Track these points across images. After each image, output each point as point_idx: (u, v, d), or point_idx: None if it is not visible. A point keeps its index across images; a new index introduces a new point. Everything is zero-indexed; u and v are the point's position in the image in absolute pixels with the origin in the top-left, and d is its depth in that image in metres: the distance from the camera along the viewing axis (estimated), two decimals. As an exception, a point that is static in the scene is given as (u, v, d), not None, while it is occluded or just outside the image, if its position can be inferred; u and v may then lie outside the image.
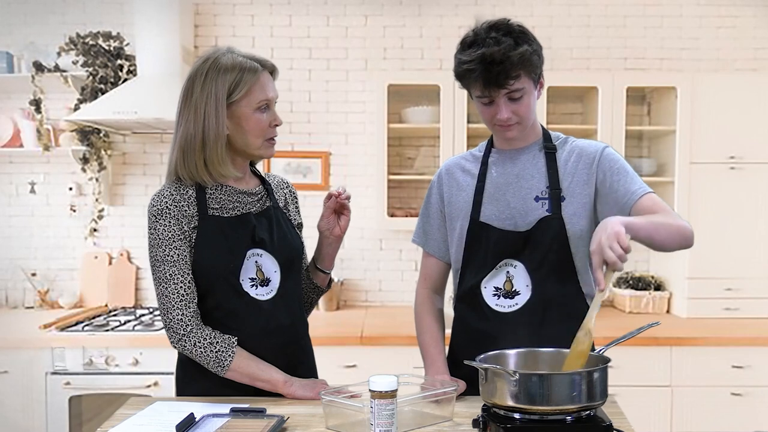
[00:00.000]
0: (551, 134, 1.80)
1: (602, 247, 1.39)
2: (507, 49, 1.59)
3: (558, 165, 1.74)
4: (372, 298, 3.82)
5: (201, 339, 1.66)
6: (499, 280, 1.74)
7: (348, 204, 1.83)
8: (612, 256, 1.38)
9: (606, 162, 1.71)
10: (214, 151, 1.67)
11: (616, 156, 1.74)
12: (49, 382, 3.02)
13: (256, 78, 1.68)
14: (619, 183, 1.68)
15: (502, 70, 1.59)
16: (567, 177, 1.73)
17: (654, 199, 1.65)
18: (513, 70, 1.60)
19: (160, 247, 1.67)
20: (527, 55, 1.62)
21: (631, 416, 1.59)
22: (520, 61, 1.61)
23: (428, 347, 1.86)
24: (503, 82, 1.61)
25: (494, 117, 1.68)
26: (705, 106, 3.36)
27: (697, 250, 3.37)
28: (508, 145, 1.79)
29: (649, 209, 1.62)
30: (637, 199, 1.64)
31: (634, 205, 1.64)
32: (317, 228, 1.86)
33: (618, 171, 1.69)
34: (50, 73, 3.50)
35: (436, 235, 1.89)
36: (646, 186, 1.68)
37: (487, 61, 1.59)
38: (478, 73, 1.61)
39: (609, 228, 1.41)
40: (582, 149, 1.74)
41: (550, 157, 1.75)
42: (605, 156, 1.72)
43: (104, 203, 3.67)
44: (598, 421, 1.36)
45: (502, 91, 1.63)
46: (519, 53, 1.60)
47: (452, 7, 3.75)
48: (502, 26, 1.64)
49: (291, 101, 3.74)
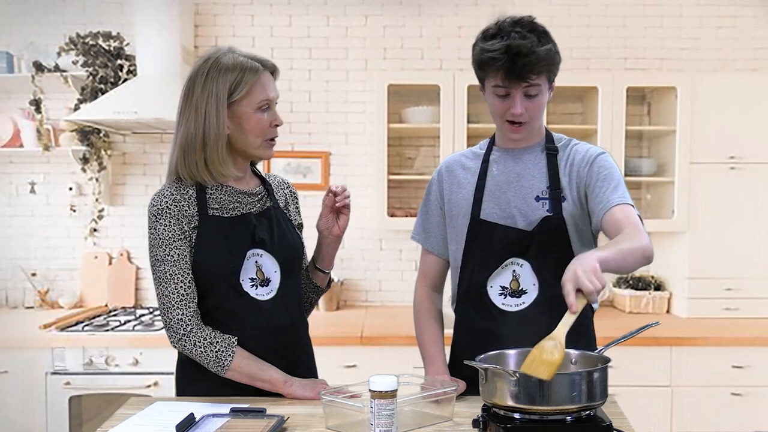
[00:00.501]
0: (554, 136, 1.80)
1: (578, 277, 1.34)
2: (533, 44, 1.61)
3: (558, 167, 1.74)
4: (372, 298, 3.82)
5: (201, 339, 1.66)
6: (506, 278, 1.74)
7: (348, 203, 1.82)
8: (588, 286, 1.33)
9: (595, 167, 1.70)
10: (214, 151, 1.67)
11: (608, 163, 1.72)
12: (49, 382, 3.02)
13: (257, 78, 1.68)
14: (600, 189, 1.67)
15: (527, 63, 1.60)
16: (565, 178, 1.73)
17: (626, 212, 1.61)
18: (538, 65, 1.62)
19: (161, 247, 1.67)
20: (552, 53, 1.65)
21: (631, 416, 1.59)
22: (545, 57, 1.62)
23: (428, 347, 1.86)
24: (526, 76, 1.62)
25: (507, 111, 1.68)
26: (705, 106, 3.36)
27: (697, 250, 3.42)
28: (511, 143, 1.79)
29: (618, 222, 1.59)
30: (610, 208, 1.62)
31: (605, 214, 1.62)
32: (316, 228, 1.85)
33: (603, 178, 1.68)
34: (50, 73, 3.50)
35: (436, 232, 1.89)
36: (626, 197, 1.65)
37: (513, 52, 1.60)
38: (502, 62, 1.61)
39: (586, 263, 1.37)
40: (580, 153, 1.74)
41: (551, 158, 1.75)
42: (596, 162, 1.71)
43: (104, 203, 3.67)
44: (598, 421, 1.36)
45: (522, 85, 1.64)
46: (545, 49, 1.63)
47: (452, 7, 3.75)
48: (526, 23, 1.66)
49: (291, 101, 3.74)
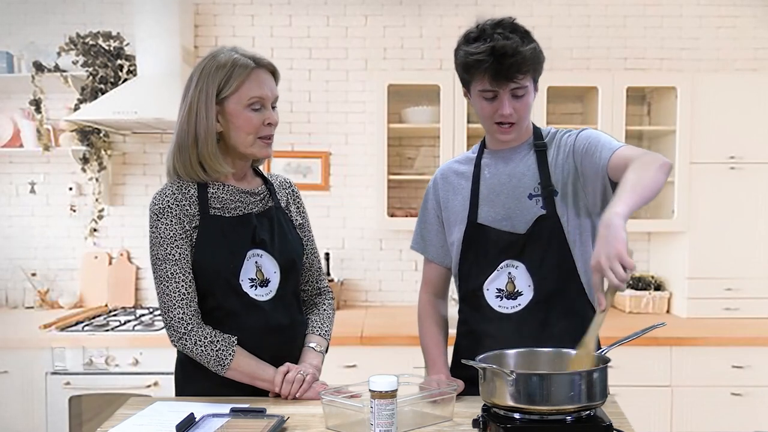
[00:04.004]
0: (541, 130, 1.80)
1: (603, 268, 1.32)
2: (517, 44, 1.60)
3: (548, 162, 1.74)
4: (372, 298, 3.82)
5: (201, 338, 1.66)
6: (501, 281, 1.74)
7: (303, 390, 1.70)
8: (615, 280, 1.31)
9: (579, 143, 1.69)
10: (205, 148, 1.67)
11: (591, 132, 1.71)
12: (49, 382, 3.02)
13: (246, 74, 1.67)
14: (593, 154, 1.65)
15: (514, 63, 1.60)
16: (557, 171, 1.73)
17: (624, 153, 1.58)
18: (524, 65, 1.61)
19: (162, 246, 1.67)
20: (536, 53, 1.65)
21: (631, 416, 1.58)
22: (531, 57, 1.62)
23: (429, 349, 1.87)
24: (513, 76, 1.62)
25: (495, 113, 1.68)
26: (705, 106, 3.36)
27: (697, 250, 3.41)
28: (501, 145, 1.79)
29: (623, 165, 1.55)
30: (609, 159, 1.60)
31: (608, 167, 1.60)
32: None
33: (588, 145, 1.66)
34: (50, 73, 3.50)
35: (435, 240, 1.89)
36: (617, 143, 1.63)
37: (499, 53, 1.59)
38: (488, 64, 1.61)
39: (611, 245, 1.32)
40: (563, 140, 1.74)
41: (540, 155, 1.75)
42: (579, 139, 1.71)
43: (104, 203, 3.67)
44: (598, 421, 1.36)
45: (510, 85, 1.63)
46: (530, 49, 1.63)
47: (452, 7, 3.75)
48: (507, 24, 1.66)
49: (291, 101, 3.74)
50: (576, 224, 1.72)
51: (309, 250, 1.90)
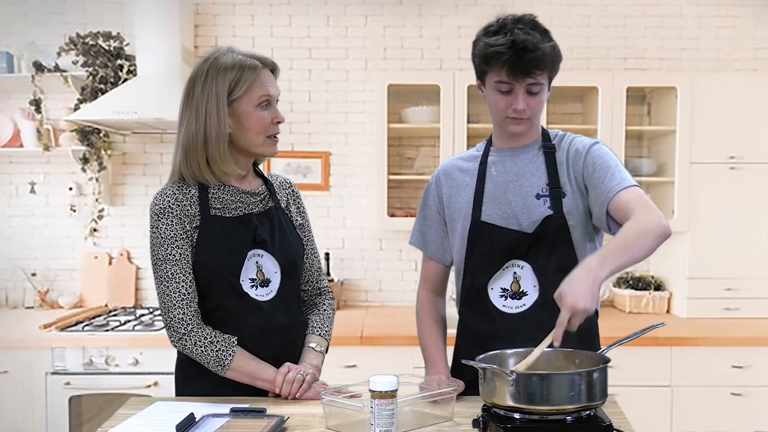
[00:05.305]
0: (549, 132, 1.80)
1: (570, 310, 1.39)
2: (537, 40, 1.61)
3: (557, 163, 1.74)
4: (372, 298, 3.82)
5: (201, 338, 1.66)
6: (506, 281, 1.73)
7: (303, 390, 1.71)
8: (573, 327, 1.40)
9: (590, 158, 1.69)
10: (216, 150, 1.67)
11: (602, 151, 1.71)
12: (49, 382, 3.02)
13: (256, 75, 1.68)
14: (599, 180, 1.66)
15: (533, 58, 1.60)
16: (564, 173, 1.72)
17: (628, 196, 1.59)
18: (543, 61, 1.62)
19: (162, 246, 1.67)
20: (556, 51, 1.66)
21: (631, 416, 1.58)
22: (550, 54, 1.63)
23: (429, 348, 1.87)
24: (531, 71, 1.62)
25: (508, 107, 1.67)
26: (705, 106, 3.36)
27: (697, 250, 3.42)
28: (509, 143, 1.78)
29: (624, 207, 1.58)
30: (613, 196, 1.61)
31: (610, 204, 1.62)
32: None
33: (600, 167, 1.67)
34: (50, 73, 3.49)
35: (434, 237, 1.89)
36: (626, 180, 1.63)
37: (519, 47, 1.60)
38: (507, 57, 1.60)
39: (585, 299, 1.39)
40: (575, 145, 1.74)
41: (549, 156, 1.75)
42: (591, 152, 1.70)
43: (104, 203, 3.67)
44: (598, 421, 1.36)
45: (527, 80, 1.63)
46: (550, 46, 1.64)
47: (452, 7, 3.75)
48: (528, 21, 1.66)
49: (291, 101, 3.74)
50: (581, 225, 1.72)
51: (309, 250, 1.90)
